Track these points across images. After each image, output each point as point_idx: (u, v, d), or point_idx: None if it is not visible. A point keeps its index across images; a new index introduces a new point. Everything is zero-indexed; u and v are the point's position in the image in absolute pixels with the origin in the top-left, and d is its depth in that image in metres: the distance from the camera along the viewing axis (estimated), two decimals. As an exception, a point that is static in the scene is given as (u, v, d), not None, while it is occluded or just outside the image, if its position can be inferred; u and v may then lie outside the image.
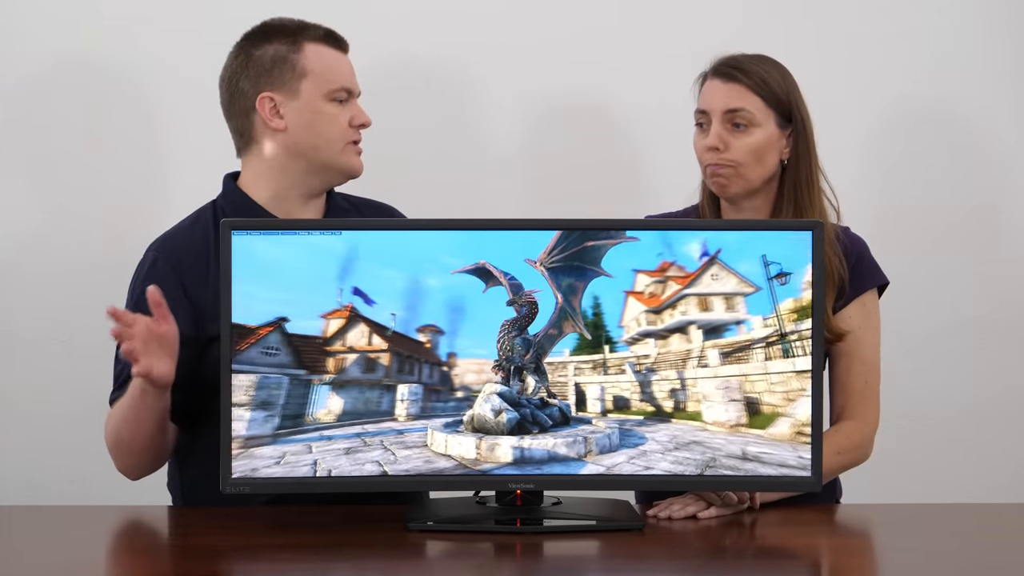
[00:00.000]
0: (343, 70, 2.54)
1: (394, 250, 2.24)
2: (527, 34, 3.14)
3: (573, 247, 2.26)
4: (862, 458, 2.53)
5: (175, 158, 3.12)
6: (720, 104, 2.52)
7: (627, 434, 2.27)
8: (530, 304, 2.26)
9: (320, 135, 2.51)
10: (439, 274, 2.24)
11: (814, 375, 2.25)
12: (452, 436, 2.26)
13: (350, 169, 2.54)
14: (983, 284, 3.19)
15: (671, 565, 2.13)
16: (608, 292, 2.26)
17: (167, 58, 3.10)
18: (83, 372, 3.07)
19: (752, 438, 2.26)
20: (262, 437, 2.22)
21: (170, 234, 2.54)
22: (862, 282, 2.56)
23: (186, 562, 2.15)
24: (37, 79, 3.11)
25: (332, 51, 2.53)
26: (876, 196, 3.17)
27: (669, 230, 2.27)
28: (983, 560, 2.15)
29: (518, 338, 2.26)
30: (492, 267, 2.24)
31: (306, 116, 2.51)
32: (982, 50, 3.17)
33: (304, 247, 2.23)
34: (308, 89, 2.50)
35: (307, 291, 2.23)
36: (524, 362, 2.26)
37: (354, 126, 2.53)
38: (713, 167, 2.53)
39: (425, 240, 2.25)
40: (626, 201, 3.13)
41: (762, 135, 2.52)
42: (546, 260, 2.26)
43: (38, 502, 3.02)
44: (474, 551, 2.17)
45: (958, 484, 3.17)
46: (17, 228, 3.11)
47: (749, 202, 2.57)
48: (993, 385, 3.20)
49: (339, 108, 2.52)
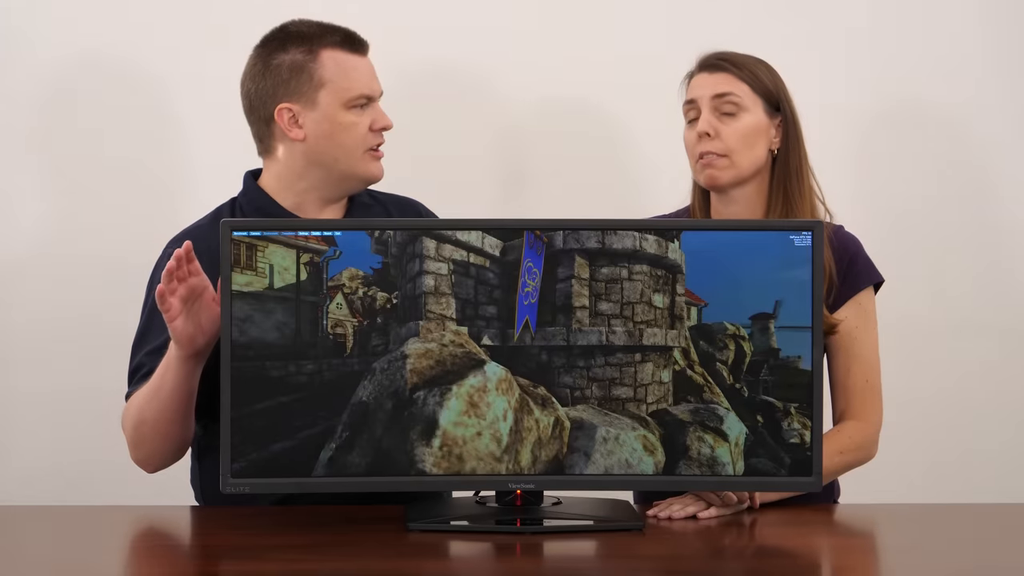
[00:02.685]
0: (361, 76, 2.51)
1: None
2: (526, 34, 3.14)
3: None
4: (866, 458, 2.53)
5: (192, 160, 3.12)
6: (708, 91, 2.53)
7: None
8: None
9: (340, 145, 2.50)
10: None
11: (814, 375, 2.25)
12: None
13: (368, 177, 2.53)
14: (980, 283, 3.19)
15: (671, 565, 2.13)
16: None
17: (184, 58, 3.10)
18: (85, 373, 3.08)
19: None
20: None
21: (189, 231, 2.54)
22: (857, 281, 2.56)
23: (185, 562, 2.15)
24: (53, 80, 3.10)
25: (350, 56, 2.50)
26: (871, 195, 3.17)
27: (669, 230, 2.27)
28: (982, 560, 2.15)
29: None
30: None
31: (325, 126, 2.49)
32: (976, 47, 3.17)
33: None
34: (326, 99, 2.48)
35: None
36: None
37: (375, 130, 2.52)
38: (705, 156, 2.53)
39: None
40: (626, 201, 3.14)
41: (751, 120, 2.53)
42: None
43: (38, 502, 3.02)
44: (474, 551, 2.18)
45: (956, 484, 3.16)
46: (28, 229, 3.10)
47: (742, 196, 2.56)
48: (991, 385, 3.20)
49: (358, 115, 2.50)
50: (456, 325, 2.23)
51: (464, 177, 3.13)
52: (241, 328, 2.22)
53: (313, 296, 2.25)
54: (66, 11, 3.09)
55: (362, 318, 2.25)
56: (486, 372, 2.23)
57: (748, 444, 2.26)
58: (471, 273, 2.24)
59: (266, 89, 2.50)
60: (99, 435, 3.05)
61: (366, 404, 2.22)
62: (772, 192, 2.55)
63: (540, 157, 3.17)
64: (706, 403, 2.26)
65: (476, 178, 3.15)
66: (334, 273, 2.25)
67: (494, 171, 3.17)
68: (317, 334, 2.24)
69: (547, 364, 2.24)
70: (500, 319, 2.24)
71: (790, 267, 2.25)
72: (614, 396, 2.25)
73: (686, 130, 2.58)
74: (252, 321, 2.23)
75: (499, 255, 2.24)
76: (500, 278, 2.24)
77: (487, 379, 2.22)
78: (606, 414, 2.26)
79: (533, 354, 2.24)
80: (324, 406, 2.23)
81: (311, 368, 2.23)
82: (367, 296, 2.25)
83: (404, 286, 2.24)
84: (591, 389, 2.25)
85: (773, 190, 2.55)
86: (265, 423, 2.22)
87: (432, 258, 2.23)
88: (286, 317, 2.24)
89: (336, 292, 2.25)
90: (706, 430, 2.25)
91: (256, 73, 2.51)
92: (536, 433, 2.24)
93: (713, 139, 2.52)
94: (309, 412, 2.23)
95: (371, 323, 2.25)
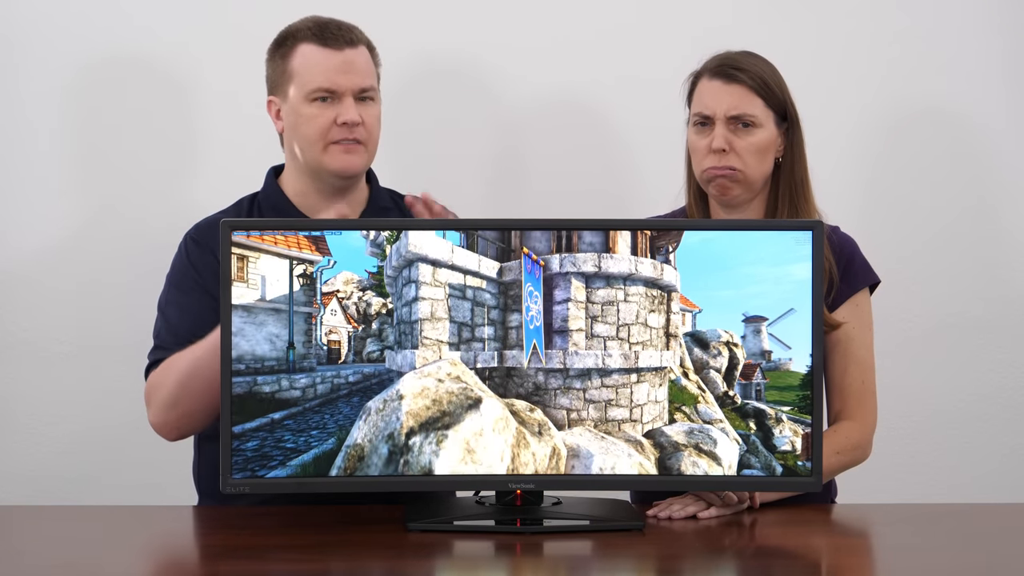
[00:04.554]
0: (323, 70, 2.51)
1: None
2: (526, 35, 3.14)
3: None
4: (861, 458, 2.53)
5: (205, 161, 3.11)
6: (724, 108, 2.50)
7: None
8: None
9: (303, 137, 2.53)
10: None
11: (814, 375, 2.25)
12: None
13: (334, 169, 2.53)
14: (977, 283, 3.19)
15: (671, 565, 2.13)
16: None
17: (199, 56, 3.09)
18: (84, 373, 3.08)
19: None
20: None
21: (208, 221, 2.57)
22: (854, 281, 2.56)
23: (185, 562, 2.15)
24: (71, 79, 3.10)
25: (319, 49, 2.52)
26: (868, 195, 3.17)
27: (669, 230, 2.27)
28: (980, 560, 2.15)
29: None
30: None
31: (291, 118, 2.55)
32: (974, 48, 3.17)
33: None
34: (293, 91, 2.54)
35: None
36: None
37: (338, 124, 2.52)
38: (716, 171, 2.51)
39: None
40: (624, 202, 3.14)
41: (765, 135, 2.52)
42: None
43: (38, 502, 3.02)
44: (474, 551, 2.18)
45: (953, 484, 3.16)
46: (31, 231, 3.10)
47: (748, 205, 2.57)
48: (987, 384, 3.19)
49: (320, 108, 2.51)
50: (451, 350, 2.22)
51: (462, 177, 3.13)
52: (233, 340, 2.22)
53: (307, 307, 2.25)
54: (75, 11, 3.09)
55: (357, 324, 2.25)
56: (483, 413, 2.22)
57: (742, 455, 2.26)
58: (468, 295, 2.23)
59: (267, 86, 2.59)
60: (100, 435, 3.05)
61: (361, 447, 2.22)
62: (779, 199, 2.54)
63: (540, 157, 3.16)
64: (701, 419, 2.26)
65: (474, 177, 3.15)
66: (328, 278, 2.25)
67: (493, 171, 3.17)
68: (311, 346, 2.23)
69: (544, 385, 2.24)
70: (496, 339, 2.23)
71: (790, 268, 2.25)
72: (610, 418, 2.25)
73: (692, 133, 2.55)
74: (243, 334, 2.22)
75: (496, 276, 2.23)
76: (497, 298, 2.23)
77: (483, 421, 2.21)
78: (602, 438, 2.25)
79: (530, 375, 2.24)
80: (318, 425, 2.22)
81: (304, 382, 2.22)
82: (362, 301, 2.25)
83: (400, 309, 2.23)
84: (588, 411, 2.25)
85: (780, 197, 2.54)
86: (259, 444, 2.22)
87: (428, 284, 2.21)
88: (278, 329, 2.23)
89: (330, 299, 2.25)
90: (700, 453, 2.25)
91: (265, 74, 2.59)
92: (533, 466, 2.24)
93: (728, 154, 2.50)
94: (303, 432, 2.22)
95: (366, 329, 2.24)
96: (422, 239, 2.21)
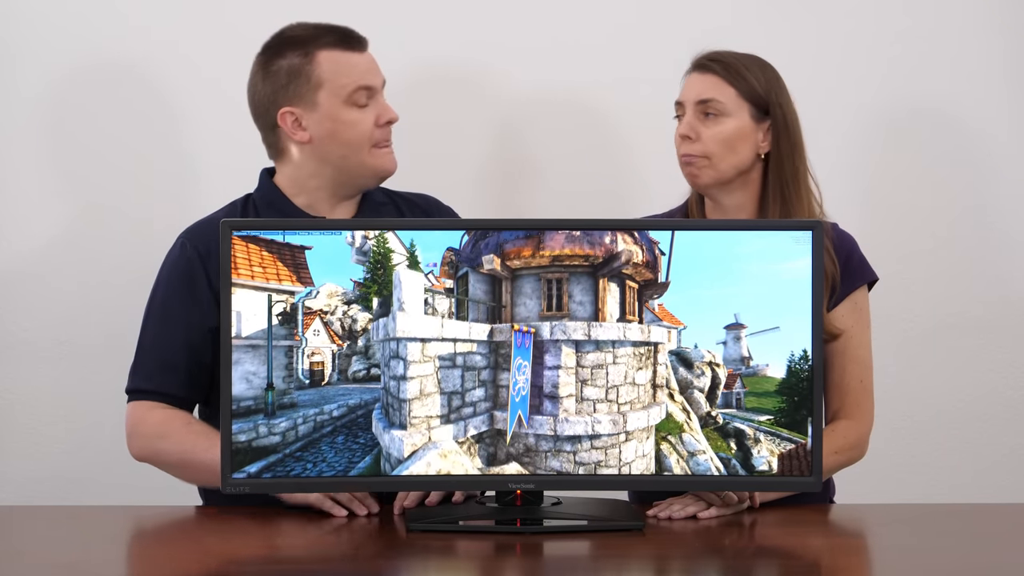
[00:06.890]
0: (358, 69, 2.52)
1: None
2: (526, 35, 3.14)
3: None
4: (858, 457, 2.54)
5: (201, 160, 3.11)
6: (693, 95, 2.55)
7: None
8: None
9: (345, 143, 2.51)
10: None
11: (814, 375, 2.25)
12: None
13: (381, 171, 2.55)
14: (977, 283, 3.18)
15: (671, 565, 2.13)
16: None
17: (192, 57, 3.09)
18: (83, 373, 3.08)
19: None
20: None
21: (201, 223, 2.56)
22: (852, 279, 2.57)
23: (186, 562, 2.15)
24: (60, 80, 3.09)
25: (345, 53, 2.52)
26: (868, 195, 3.17)
27: (669, 230, 2.27)
28: (979, 560, 2.15)
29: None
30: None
31: (327, 126, 2.51)
32: (974, 48, 3.17)
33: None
34: (326, 98, 2.50)
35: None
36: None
37: (380, 125, 2.53)
38: (685, 156, 2.56)
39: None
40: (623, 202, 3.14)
41: (733, 125, 2.53)
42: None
43: (38, 502, 3.02)
44: (474, 551, 2.18)
45: (953, 484, 3.16)
46: (31, 232, 3.10)
47: (729, 198, 2.58)
48: (987, 384, 3.19)
49: (361, 111, 2.51)
50: (442, 424, 2.20)
51: (462, 177, 3.13)
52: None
53: (287, 340, 2.20)
54: (68, 11, 3.09)
55: (341, 341, 2.22)
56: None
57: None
58: (458, 363, 2.21)
59: (267, 95, 2.53)
60: (100, 435, 3.05)
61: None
62: (770, 195, 2.56)
63: (540, 157, 3.17)
64: (687, 450, 2.26)
65: (474, 178, 3.15)
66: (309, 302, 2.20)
67: (493, 171, 3.17)
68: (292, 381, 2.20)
69: (535, 448, 2.24)
70: (487, 399, 2.23)
71: (790, 267, 2.25)
72: (600, 477, 2.26)
73: (676, 127, 2.60)
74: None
75: (486, 338, 2.22)
76: (488, 358, 2.22)
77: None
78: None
79: (521, 437, 2.24)
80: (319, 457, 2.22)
81: (284, 425, 2.20)
82: (347, 316, 2.22)
83: (388, 382, 2.20)
84: (578, 472, 2.25)
85: (770, 193, 2.56)
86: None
87: (417, 362, 2.19)
88: (255, 366, 2.19)
89: (312, 318, 2.20)
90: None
91: (257, 81, 2.55)
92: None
93: (694, 141, 2.54)
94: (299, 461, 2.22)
95: (351, 346, 2.22)
96: (410, 321, 2.17)
